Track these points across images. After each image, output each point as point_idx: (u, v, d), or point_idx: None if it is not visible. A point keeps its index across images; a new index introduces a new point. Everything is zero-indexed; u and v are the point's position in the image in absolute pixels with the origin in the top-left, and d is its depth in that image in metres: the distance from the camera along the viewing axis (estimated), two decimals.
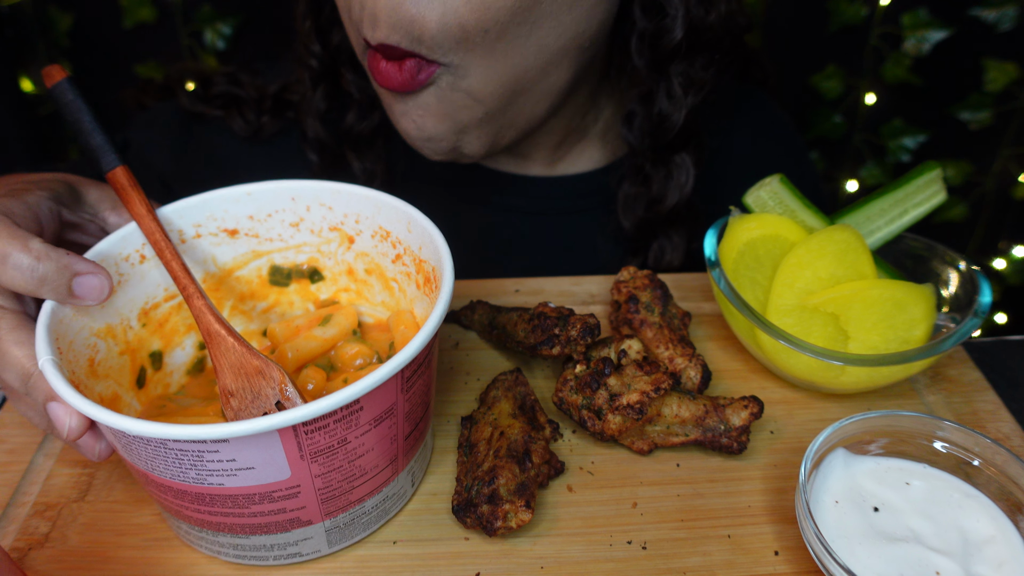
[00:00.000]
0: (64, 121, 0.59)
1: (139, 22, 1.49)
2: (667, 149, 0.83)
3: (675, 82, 0.78)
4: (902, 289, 0.64)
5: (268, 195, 0.64)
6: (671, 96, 0.79)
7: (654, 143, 0.82)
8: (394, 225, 0.62)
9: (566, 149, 0.90)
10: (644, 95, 0.81)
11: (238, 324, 0.68)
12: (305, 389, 0.59)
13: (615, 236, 0.91)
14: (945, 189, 0.70)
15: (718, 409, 0.61)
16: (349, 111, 0.87)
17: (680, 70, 0.78)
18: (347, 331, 0.65)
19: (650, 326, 0.67)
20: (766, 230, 0.69)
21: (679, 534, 0.56)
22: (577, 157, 0.91)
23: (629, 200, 0.87)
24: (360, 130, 0.87)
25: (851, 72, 1.55)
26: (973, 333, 0.62)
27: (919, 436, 0.57)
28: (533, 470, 0.56)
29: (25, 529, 0.57)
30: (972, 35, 1.46)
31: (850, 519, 0.52)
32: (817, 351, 0.61)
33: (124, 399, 0.58)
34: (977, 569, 0.49)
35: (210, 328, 0.55)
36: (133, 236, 0.59)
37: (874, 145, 1.62)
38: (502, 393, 0.64)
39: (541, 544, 0.55)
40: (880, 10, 1.48)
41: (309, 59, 0.86)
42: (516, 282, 0.81)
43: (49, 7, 1.49)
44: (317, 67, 0.86)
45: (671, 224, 0.86)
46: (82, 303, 0.53)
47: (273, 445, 0.45)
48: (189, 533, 0.53)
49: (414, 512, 0.58)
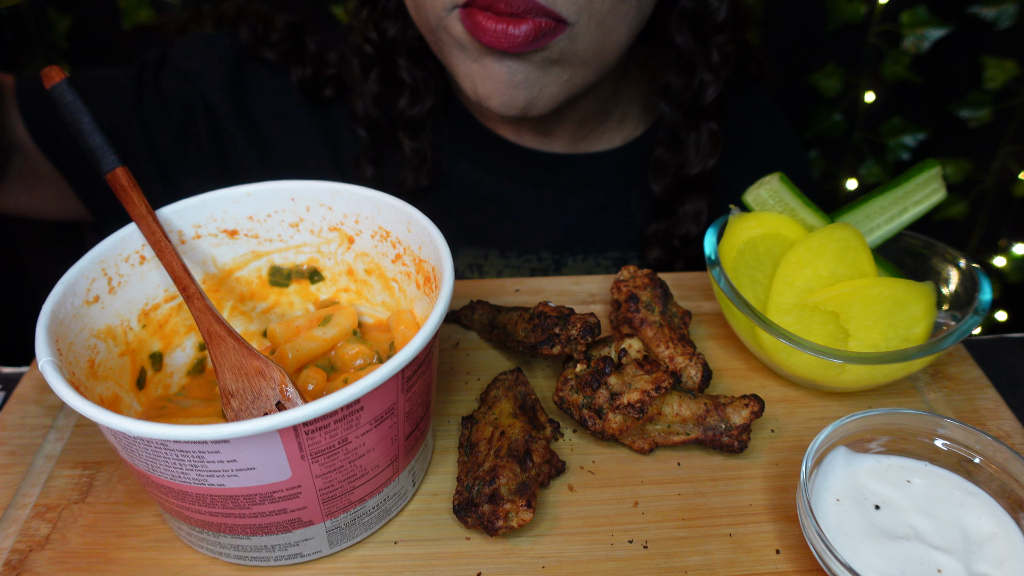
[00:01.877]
0: (63, 122, 0.60)
1: (138, 24, 1.49)
2: (700, 116, 0.90)
3: (714, 54, 0.87)
4: (902, 287, 0.64)
5: (268, 195, 0.64)
6: (711, 67, 0.87)
7: (693, 108, 0.90)
8: (394, 225, 0.62)
9: (588, 130, 0.96)
10: (683, 68, 0.88)
11: (238, 325, 0.68)
12: (305, 389, 0.59)
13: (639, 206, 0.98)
14: (945, 187, 0.69)
15: (719, 408, 0.60)
16: (401, 96, 0.92)
17: (720, 42, 0.86)
18: (347, 331, 0.65)
19: (650, 325, 0.67)
20: (766, 228, 0.69)
21: (680, 533, 0.56)
22: (597, 139, 0.98)
23: (661, 164, 0.94)
24: (412, 114, 0.92)
25: (850, 70, 1.55)
26: (973, 331, 0.62)
27: (920, 434, 0.57)
28: (534, 469, 0.56)
29: (26, 531, 0.57)
30: (971, 33, 1.46)
31: (851, 517, 0.52)
32: (818, 349, 0.61)
33: (124, 400, 0.58)
34: (978, 567, 0.49)
35: (210, 329, 0.55)
36: (133, 237, 0.59)
37: (874, 143, 1.62)
38: (503, 393, 0.64)
39: (542, 544, 0.55)
40: (879, 8, 1.48)
41: (364, 46, 0.91)
42: (516, 282, 0.81)
43: (48, 9, 1.49)
44: (372, 53, 0.91)
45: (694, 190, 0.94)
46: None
47: (274, 445, 0.45)
48: (190, 534, 0.53)
49: (415, 512, 0.58)
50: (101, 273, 0.57)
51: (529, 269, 0.97)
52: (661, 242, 0.96)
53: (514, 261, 0.97)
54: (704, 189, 0.94)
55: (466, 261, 0.98)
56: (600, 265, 0.98)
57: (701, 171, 0.91)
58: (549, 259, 0.98)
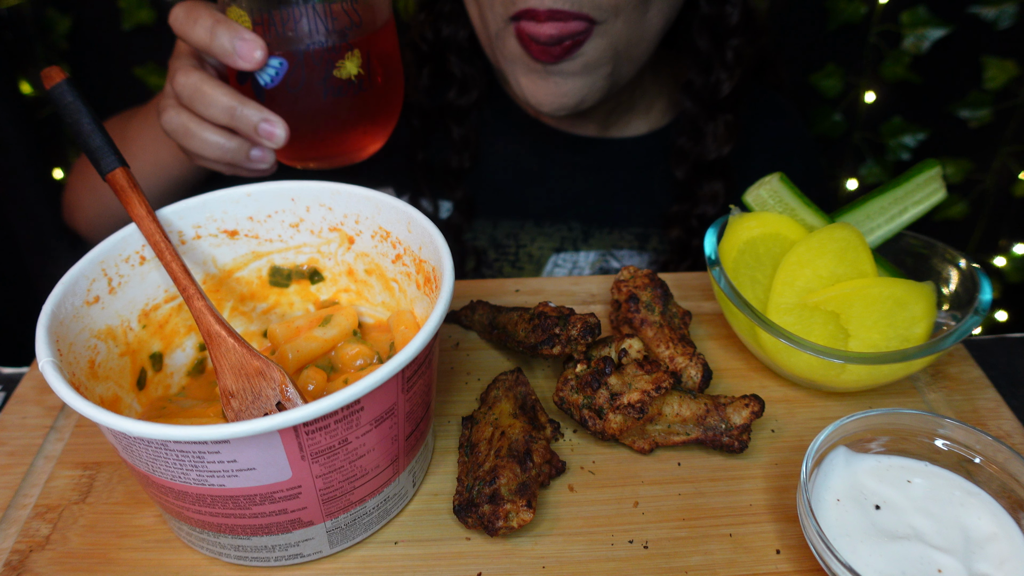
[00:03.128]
0: (63, 123, 0.60)
1: (138, 24, 1.49)
2: (717, 109, 1.01)
3: (728, 54, 0.98)
4: (902, 287, 0.64)
5: (268, 196, 0.64)
6: (725, 65, 0.98)
7: (711, 102, 1.00)
8: (394, 225, 0.62)
9: (616, 118, 1.08)
10: (702, 67, 1.00)
11: (238, 325, 0.68)
12: (306, 390, 0.59)
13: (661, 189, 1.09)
14: (945, 187, 0.69)
15: (719, 408, 0.60)
16: (451, 88, 1.05)
17: (734, 44, 0.98)
18: (347, 332, 0.65)
19: (650, 325, 0.67)
20: (766, 229, 0.69)
21: (680, 533, 0.56)
22: (625, 126, 1.09)
23: (683, 152, 1.04)
24: (460, 104, 1.05)
25: (850, 70, 1.55)
26: (974, 331, 0.62)
27: (920, 434, 0.57)
28: (534, 470, 0.56)
29: (26, 531, 0.57)
30: (971, 33, 1.46)
31: (852, 517, 0.52)
32: (818, 349, 0.61)
33: (124, 400, 0.58)
34: (979, 567, 0.49)
35: (210, 329, 0.55)
36: (133, 237, 0.59)
37: (874, 143, 1.62)
38: (503, 393, 0.64)
39: (542, 544, 0.55)
40: (879, 8, 1.48)
41: (421, 44, 1.04)
42: (516, 282, 0.81)
43: (48, 9, 1.49)
44: (426, 50, 1.04)
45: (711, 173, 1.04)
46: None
47: (274, 446, 0.45)
48: (190, 534, 0.53)
49: (415, 512, 0.58)
50: (101, 273, 0.57)
51: (560, 237, 1.07)
52: (681, 222, 1.06)
53: (547, 229, 1.07)
54: (720, 172, 1.03)
55: (505, 230, 1.08)
56: (624, 239, 1.08)
57: (718, 157, 1.02)
58: (578, 229, 1.07)
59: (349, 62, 0.67)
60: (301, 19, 0.65)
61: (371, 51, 0.69)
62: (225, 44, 0.66)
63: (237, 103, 0.67)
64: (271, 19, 0.66)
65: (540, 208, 1.08)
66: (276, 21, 0.66)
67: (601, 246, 1.07)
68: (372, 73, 0.69)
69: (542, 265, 1.07)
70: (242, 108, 0.67)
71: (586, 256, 1.06)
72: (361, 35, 0.68)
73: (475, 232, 1.07)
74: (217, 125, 0.70)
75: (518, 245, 1.07)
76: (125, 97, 1.59)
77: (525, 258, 1.07)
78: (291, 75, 0.67)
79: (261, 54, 0.66)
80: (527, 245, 1.07)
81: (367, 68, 0.69)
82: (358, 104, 0.70)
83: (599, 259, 1.07)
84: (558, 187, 1.09)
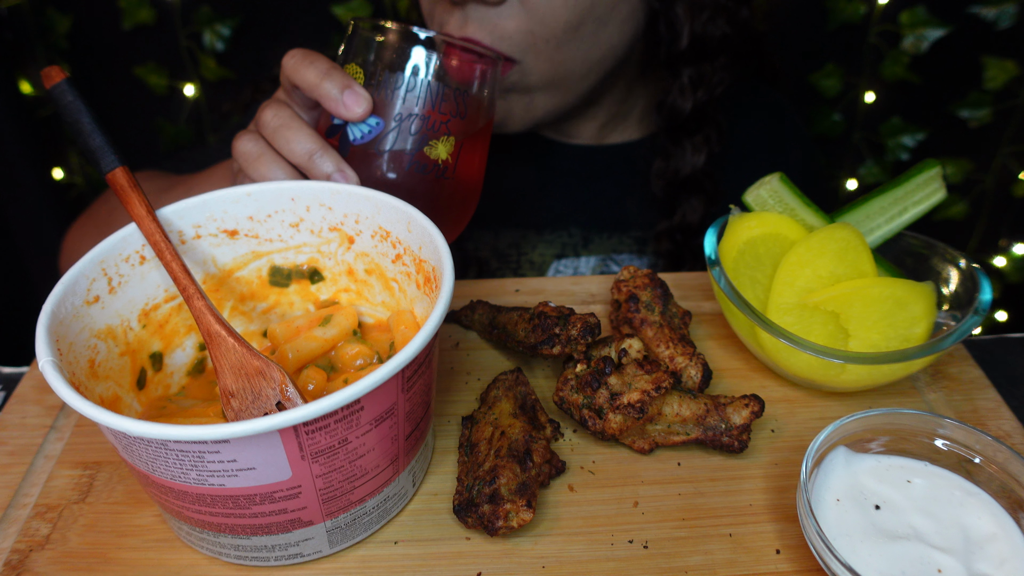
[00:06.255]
0: (63, 122, 0.60)
1: (138, 24, 1.49)
2: (682, 132, 1.01)
3: (685, 80, 0.97)
4: (902, 287, 0.64)
5: (268, 196, 0.64)
6: (681, 91, 0.98)
7: (669, 127, 1.01)
8: (394, 225, 0.62)
9: (610, 129, 1.09)
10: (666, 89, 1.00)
11: (238, 325, 0.68)
12: (306, 389, 0.59)
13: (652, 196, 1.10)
14: (945, 187, 0.70)
15: (719, 408, 0.60)
16: None
17: (689, 71, 0.97)
18: (347, 331, 0.65)
19: (650, 325, 0.67)
20: (766, 228, 0.69)
21: (680, 533, 0.56)
22: (620, 133, 1.10)
23: (659, 171, 1.06)
24: None
25: (850, 70, 1.55)
26: (974, 331, 0.62)
27: (920, 434, 0.57)
28: (534, 469, 0.56)
29: (26, 531, 0.57)
30: (971, 33, 1.46)
31: (851, 517, 0.52)
32: (818, 349, 0.61)
33: (124, 400, 0.58)
34: (979, 567, 0.49)
35: (210, 329, 0.55)
36: (133, 237, 0.59)
37: (873, 143, 1.62)
38: (503, 393, 0.64)
39: (542, 544, 0.55)
40: (879, 8, 1.48)
41: None
42: (516, 282, 0.81)
43: (48, 9, 1.49)
44: None
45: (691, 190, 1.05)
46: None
47: (274, 445, 0.45)
48: (190, 534, 0.53)
49: (415, 512, 0.58)
50: (101, 273, 0.57)
51: (560, 244, 1.08)
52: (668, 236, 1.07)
53: (548, 237, 1.08)
54: (696, 187, 1.04)
55: (507, 240, 1.08)
56: (624, 243, 1.09)
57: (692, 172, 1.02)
58: (578, 235, 1.08)
59: (442, 145, 0.67)
60: (414, 88, 0.66)
61: (465, 144, 0.69)
62: (334, 89, 0.65)
63: (320, 148, 0.66)
64: (385, 81, 0.66)
65: (540, 217, 1.09)
66: (388, 84, 0.66)
67: (601, 251, 1.07)
68: (458, 164, 0.69)
69: (543, 272, 1.07)
70: (323, 154, 0.66)
71: (587, 261, 1.07)
72: (462, 126, 0.68)
73: (476, 242, 1.07)
74: (288, 163, 0.69)
75: (520, 253, 1.08)
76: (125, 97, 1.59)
77: (527, 265, 1.07)
78: (383, 137, 0.67)
79: (366, 108, 0.65)
80: (528, 252, 1.08)
81: (455, 158, 0.69)
82: (436, 188, 0.69)
83: (600, 264, 1.07)
84: (557, 196, 1.09)
